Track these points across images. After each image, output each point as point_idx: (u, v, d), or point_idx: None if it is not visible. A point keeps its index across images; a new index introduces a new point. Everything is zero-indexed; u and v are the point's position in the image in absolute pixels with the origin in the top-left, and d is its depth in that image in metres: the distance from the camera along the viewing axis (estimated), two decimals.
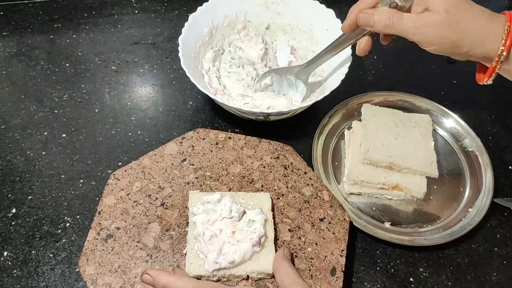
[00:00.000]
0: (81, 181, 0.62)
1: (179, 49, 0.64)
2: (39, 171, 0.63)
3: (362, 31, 0.55)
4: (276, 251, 0.50)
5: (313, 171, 0.59)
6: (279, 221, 0.54)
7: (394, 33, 0.53)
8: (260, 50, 0.72)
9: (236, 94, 0.68)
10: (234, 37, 0.74)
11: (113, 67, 0.76)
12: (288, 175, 0.58)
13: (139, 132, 0.68)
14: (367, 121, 0.65)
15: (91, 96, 0.72)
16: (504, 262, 0.59)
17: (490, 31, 0.50)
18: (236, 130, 0.69)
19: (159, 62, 0.77)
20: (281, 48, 0.77)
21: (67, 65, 0.76)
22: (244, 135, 0.61)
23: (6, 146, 0.65)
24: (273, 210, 0.53)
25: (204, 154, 0.59)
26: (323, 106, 0.68)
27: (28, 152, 0.65)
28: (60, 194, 0.61)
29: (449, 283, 0.57)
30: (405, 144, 0.63)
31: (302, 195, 0.56)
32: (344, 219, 0.55)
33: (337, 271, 0.51)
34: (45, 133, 0.67)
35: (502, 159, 0.69)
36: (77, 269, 0.52)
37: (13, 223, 0.58)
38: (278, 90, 0.69)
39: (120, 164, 0.64)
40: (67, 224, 0.59)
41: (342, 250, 0.52)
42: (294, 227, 0.53)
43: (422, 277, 0.57)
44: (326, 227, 0.54)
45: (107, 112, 0.70)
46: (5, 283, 0.54)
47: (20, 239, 0.57)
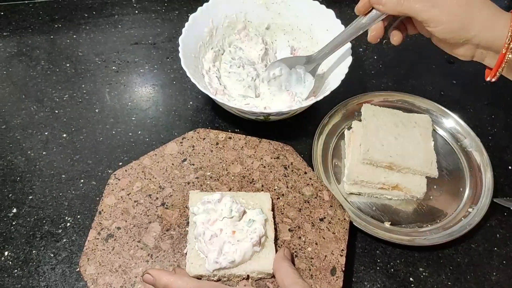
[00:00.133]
0: (82, 181, 0.63)
1: (180, 49, 0.64)
2: (39, 171, 0.63)
3: (375, 17, 0.56)
4: (276, 251, 0.50)
5: (313, 171, 0.59)
6: (279, 221, 0.54)
7: (404, 12, 0.52)
8: (260, 50, 0.72)
9: (236, 94, 0.68)
10: (234, 37, 0.74)
11: (113, 67, 0.76)
12: (288, 175, 0.58)
13: (139, 132, 0.68)
14: (367, 121, 0.65)
15: (92, 96, 0.72)
16: (504, 262, 0.59)
17: (499, 18, 0.50)
18: (236, 130, 0.69)
19: (160, 62, 0.77)
20: (281, 48, 0.77)
21: (68, 65, 0.76)
22: (244, 135, 0.61)
23: (6, 146, 0.66)
24: (273, 210, 0.53)
25: (204, 154, 0.59)
26: (323, 106, 0.68)
27: (29, 152, 0.65)
28: (60, 194, 0.61)
29: (449, 283, 0.57)
30: (405, 144, 0.63)
31: (302, 195, 0.56)
32: (344, 219, 0.55)
33: (337, 270, 0.51)
34: (46, 133, 0.67)
35: (502, 159, 0.69)
36: (78, 269, 0.52)
37: (13, 223, 0.58)
38: (286, 85, 0.68)
39: (120, 164, 0.64)
40: (68, 224, 0.59)
41: (342, 250, 0.52)
42: (294, 227, 0.54)
43: (422, 276, 0.57)
44: (326, 227, 0.54)
45: (107, 112, 0.70)
46: (6, 283, 0.54)
47: (21, 238, 0.57)
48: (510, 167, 0.68)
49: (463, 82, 0.78)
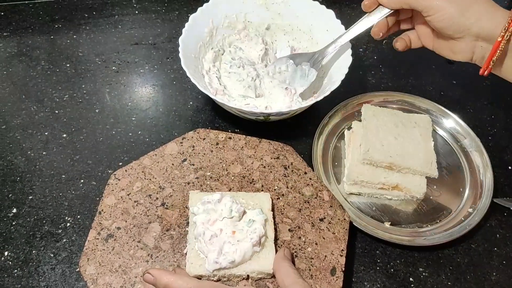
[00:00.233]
0: (82, 181, 0.63)
1: (180, 49, 0.64)
2: (39, 171, 0.63)
3: (380, 15, 0.59)
4: (276, 251, 0.50)
5: (313, 171, 0.59)
6: (279, 221, 0.54)
7: (404, 4, 0.55)
8: (261, 50, 0.72)
9: (236, 94, 0.68)
10: (234, 38, 0.74)
11: (113, 68, 0.76)
12: (288, 175, 0.58)
13: (139, 132, 0.68)
14: (367, 121, 0.65)
15: (92, 97, 0.72)
16: (504, 262, 0.59)
17: (498, 9, 0.52)
18: (236, 130, 0.69)
19: (160, 62, 0.77)
20: (281, 49, 0.77)
21: (68, 65, 0.76)
22: (244, 135, 0.61)
23: (6, 146, 0.66)
24: (273, 210, 0.53)
25: (204, 154, 0.59)
26: (323, 106, 0.68)
27: (29, 152, 0.65)
28: (60, 194, 0.61)
29: (449, 283, 0.57)
30: (405, 144, 0.63)
31: (302, 195, 0.56)
32: (344, 219, 0.55)
33: (337, 271, 0.51)
34: (46, 133, 0.67)
35: (502, 159, 0.69)
36: (78, 269, 0.52)
37: (13, 223, 0.58)
38: (290, 81, 0.69)
39: (120, 164, 0.64)
40: (68, 224, 0.59)
41: (342, 250, 0.52)
42: (294, 227, 0.54)
43: (422, 277, 0.57)
44: (326, 227, 0.54)
45: (107, 112, 0.70)
46: (6, 283, 0.54)
47: (21, 239, 0.57)
48: (510, 167, 0.68)
49: (463, 82, 0.78)
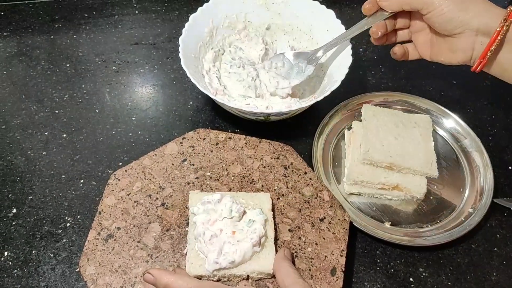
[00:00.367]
0: (82, 181, 0.63)
1: (180, 49, 0.64)
2: (39, 171, 0.63)
3: (379, 17, 0.59)
4: (276, 251, 0.50)
5: (313, 171, 0.59)
6: (279, 221, 0.54)
7: (405, 5, 0.56)
8: (261, 50, 0.72)
9: (236, 94, 0.68)
10: (234, 38, 0.74)
11: (113, 67, 0.76)
12: (288, 175, 0.58)
13: (139, 132, 0.68)
14: (367, 121, 0.65)
15: (92, 96, 0.72)
16: (504, 262, 0.59)
17: (495, 7, 0.53)
18: (236, 130, 0.69)
19: (160, 62, 0.77)
20: (282, 49, 0.76)
21: (68, 65, 0.76)
22: (244, 135, 0.61)
23: (6, 146, 0.66)
24: (273, 210, 0.53)
25: (204, 154, 0.59)
26: (323, 106, 0.68)
27: (29, 152, 0.65)
28: (60, 194, 0.61)
29: (449, 283, 0.57)
30: (405, 144, 0.63)
31: (302, 195, 0.56)
32: (344, 219, 0.55)
33: (337, 271, 0.51)
34: (46, 133, 0.67)
35: (502, 159, 0.69)
36: (78, 269, 0.52)
37: (13, 223, 0.58)
38: (285, 76, 0.69)
39: (120, 164, 0.64)
40: (68, 224, 0.59)
41: (342, 250, 0.52)
42: (294, 227, 0.54)
43: (422, 277, 0.57)
44: (326, 227, 0.54)
45: (107, 112, 0.70)
46: (6, 283, 0.54)
47: (21, 239, 0.57)
48: (510, 167, 0.68)
49: (463, 82, 0.78)
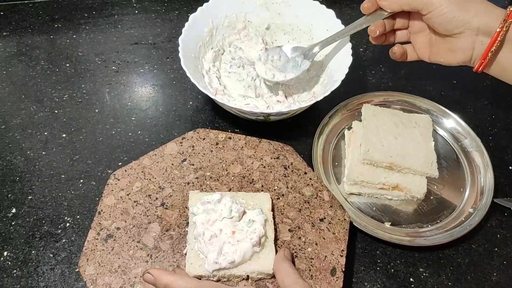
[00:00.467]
0: (81, 181, 0.62)
1: (179, 49, 0.64)
2: (39, 171, 0.63)
3: (378, 16, 0.59)
4: (276, 251, 0.50)
5: (313, 171, 0.59)
6: (279, 221, 0.54)
7: (405, 5, 0.56)
8: (260, 50, 0.72)
9: (236, 94, 0.68)
10: (234, 37, 0.74)
11: (113, 67, 0.76)
12: (288, 175, 0.58)
13: (139, 132, 0.68)
14: (367, 121, 0.65)
15: (91, 96, 0.72)
16: (504, 262, 0.59)
17: (495, 7, 0.53)
18: (236, 130, 0.69)
19: (159, 62, 0.77)
20: None
21: (67, 65, 0.76)
22: (244, 135, 0.61)
23: (6, 146, 0.65)
24: (273, 210, 0.53)
25: (204, 154, 0.59)
26: (323, 106, 0.68)
27: (28, 152, 0.65)
28: (60, 194, 0.61)
29: (449, 283, 0.57)
30: (405, 144, 0.63)
31: (302, 195, 0.56)
32: (344, 219, 0.55)
33: (337, 271, 0.51)
34: (45, 133, 0.67)
35: (502, 159, 0.69)
36: (77, 269, 0.52)
37: (13, 223, 0.58)
38: (281, 69, 0.68)
39: (120, 164, 0.64)
40: (67, 224, 0.59)
41: (342, 250, 0.52)
42: (294, 227, 0.53)
43: (422, 277, 0.57)
44: (326, 227, 0.54)
45: (107, 112, 0.70)
46: (5, 283, 0.54)
47: (20, 239, 0.57)
48: (510, 167, 0.68)
49: (463, 82, 0.78)
